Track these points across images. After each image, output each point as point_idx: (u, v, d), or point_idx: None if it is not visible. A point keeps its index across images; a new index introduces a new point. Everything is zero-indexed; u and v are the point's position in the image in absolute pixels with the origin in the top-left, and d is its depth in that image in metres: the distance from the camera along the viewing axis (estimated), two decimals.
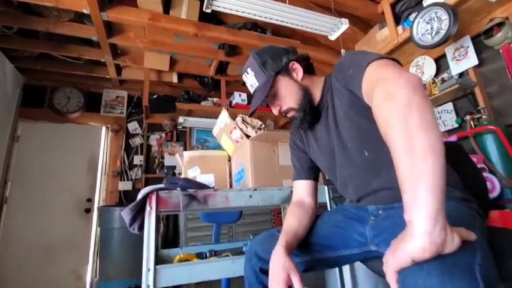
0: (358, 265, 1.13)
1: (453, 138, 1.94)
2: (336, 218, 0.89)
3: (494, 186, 1.69)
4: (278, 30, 3.06)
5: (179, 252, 1.42)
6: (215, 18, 2.93)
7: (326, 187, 1.30)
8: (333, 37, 2.29)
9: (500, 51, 2.02)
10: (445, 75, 2.42)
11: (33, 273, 2.80)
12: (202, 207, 1.11)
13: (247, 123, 1.28)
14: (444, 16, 1.92)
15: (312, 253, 0.87)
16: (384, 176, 0.73)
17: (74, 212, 3.07)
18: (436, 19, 1.97)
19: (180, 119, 3.37)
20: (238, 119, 1.29)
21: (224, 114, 1.32)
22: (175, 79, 3.48)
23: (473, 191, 0.93)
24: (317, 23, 2.12)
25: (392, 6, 2.42)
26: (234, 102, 3.61)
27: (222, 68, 3.40)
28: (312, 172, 0.99)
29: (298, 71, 0.89)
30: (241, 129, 1.27)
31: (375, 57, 0.65)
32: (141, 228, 1.06)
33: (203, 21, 2.68)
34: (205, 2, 1.88)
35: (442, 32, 1.93)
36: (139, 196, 1.06)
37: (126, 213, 1.05)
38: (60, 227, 2.98)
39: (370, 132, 0.71)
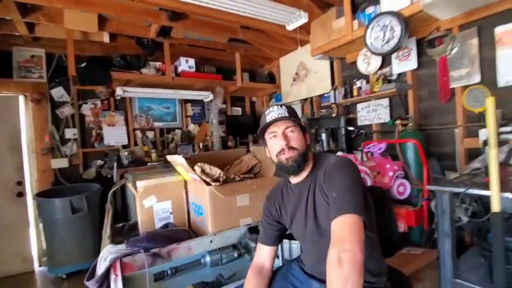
0: None
1: (383, 145, 2.23)
2: (291, 282, 1.07)
3: (406, 190, 2.10)
4: None
5: None
6: None
7: None
8: (290, 27, 2.16)
9: (437, 61, 2.22)
10: (387, 70, 2.59)
11: None
12: (167, 261, 1.18)
13: (207, 174, 1.27)
14: (397, 27, 1.96)
15: None
16: None
17: (4, 197, 2.76)
18: (389, 28, 2.00)
19: (118, 91, 2.98)
20: (198, 168, 1.26)
21: (181, 160, 1.27)
22: (106, 39, 2.93)
23: (387, 232, 1.21)
24: (276, 16, 1.95)
25: None
26: (180, 69, 3.30)
27: (165, 30, 2.95)
28: (279, 239, 1.12)
29: (308, 140, 1.08)
30: (200, 177, 1.26)
31: (352, 210, 0.82)
32: None
33: None
34: None
35: (392, 44, 2.00)
36: (103, 265, 1.06)
37: (92, 285, 1.06)
38: None
39: None
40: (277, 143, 1.01)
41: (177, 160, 1.37)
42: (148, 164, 2.96)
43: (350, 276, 0.71)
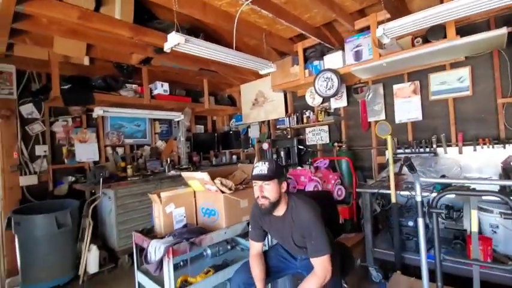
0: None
1: (327, 160, 3.07)
2: (278, 255, 1.68)
3: (342, 193, 2.96)
4: (211, 35, 3.24)
5: None
6: (148, 12, 2.81)
7: None
8: (262, 72, 2.84)
9: (359, 102, 3.19)
10: (326, 105, 3.50)
11: None
12: (199, 247, 1.66)
13: (223, 185, 1.80)
14: (335, 80, 2.84)
15: (272, 276, 1.64)
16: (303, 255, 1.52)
17: None
18: (330, 80, 2.87)
19: (98, 111, 3.17)
20: (217, 181, 1.78)
21: (206, 176, 1.78)
22: (86, 62, 3.13)
23: (333, 221, 1.94)
24: (254, 64, 2.60)
25: (304, 49, 3.16)
26: (155, 92, 3.65)
27: (147, 59, 3.31)
28: (264, 237, 1.63)
29: (284, 187, 1.49)
30: (218, 187, 1.78)
31: (326, 251, 1.35)
32: (161, 270, 1.52)
33: (136, 16, 2.55)
34: (168, 44, 2.00)
35: (332, 91, 2.87)
36: (158, 253, 1.49)
37: (152, 268, 1.48)
38: None
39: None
40: (256, 191, 1.44)
41: (197, 176, 1.85)
42: (129, 179, 3.20)
43: (318, 283, 1.33)
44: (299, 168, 3.00)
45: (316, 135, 3.60)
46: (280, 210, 1.47)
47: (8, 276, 2.83)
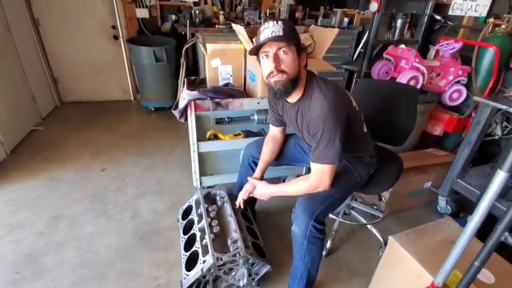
0: None
1: (459, 44, 1.99)
2: (297, 144, 1.45)
3: (460, 97, 2.04)
4: None
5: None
6: None
7: None
8: None
9: None
10: None
11: (88, 83, 3.58)
12: (225, 110, 1.60)
13: None
14: None
15: (284, 161, 1.50)
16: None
17: (104, 38, 3.38)
18: None
19: None
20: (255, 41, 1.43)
21: (243, 30, 1.44)
22: None
23: (403, 125, 1.44)
24: None
25: None
26: None
27: None
28: (280, 123, 1.37)
29: (304, 60, 1.07)
30: None
31: (330, 161, 1.04)
32: (186, 119, 1.60)
33: None
34: None
35: None
36: (183, 102, 1.52)
37: (177, 113, 1.56)
38: (97, 50, 3.41)
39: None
40: (268, 64, 0.98)
41: (240, 30, 1.55)
42: (216, 26, 3.13)
43: (306, 189, 1.13)
44: (402, 46, 2.11)
45: (470, 1, 2.26)
46: (294, 96, 1.09)
47: (137, 92, 3.78)
